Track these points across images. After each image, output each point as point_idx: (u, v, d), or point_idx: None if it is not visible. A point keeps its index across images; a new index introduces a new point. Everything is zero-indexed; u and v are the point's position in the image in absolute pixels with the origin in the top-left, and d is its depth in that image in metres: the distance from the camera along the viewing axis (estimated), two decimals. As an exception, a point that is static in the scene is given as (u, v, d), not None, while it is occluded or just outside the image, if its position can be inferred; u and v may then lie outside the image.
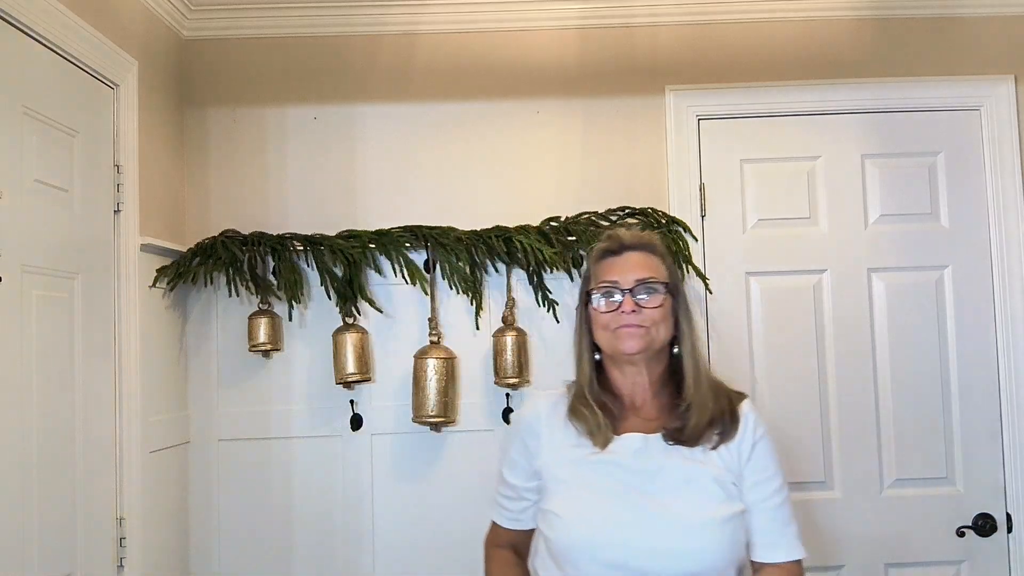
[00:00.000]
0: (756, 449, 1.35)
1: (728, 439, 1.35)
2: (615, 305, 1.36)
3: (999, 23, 2.30)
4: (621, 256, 1.40)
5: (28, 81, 1.60)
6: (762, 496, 1.34)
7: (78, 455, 1.73)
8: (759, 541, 1.34)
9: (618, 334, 1.35)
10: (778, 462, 1.37)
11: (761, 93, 2.28)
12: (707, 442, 1.34)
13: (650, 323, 1.35)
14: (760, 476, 1.35)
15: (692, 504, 1.30)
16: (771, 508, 1.34)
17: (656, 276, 1.38)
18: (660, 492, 1.31)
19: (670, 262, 1.44)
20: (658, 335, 1.36)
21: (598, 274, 1.40)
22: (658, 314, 1.35)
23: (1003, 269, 2.24)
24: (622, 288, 1.36)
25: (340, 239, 2.19)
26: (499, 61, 2.31)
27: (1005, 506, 2.21)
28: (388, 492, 2.23)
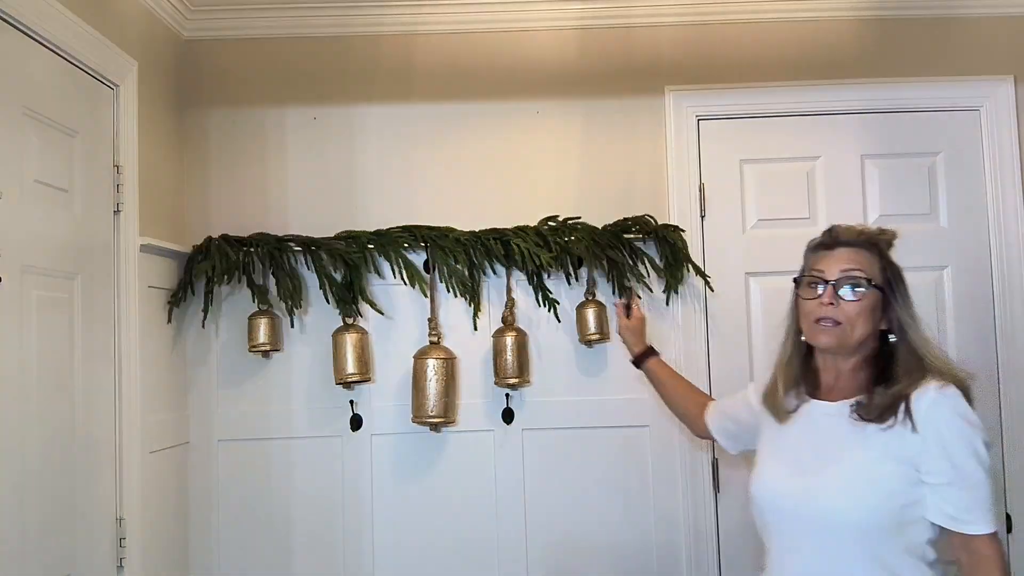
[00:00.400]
0: (929, 439, 1.35)
1: (901, 425, 1.36)
2: (817, 294, 1.44)
3: (999, 23, 2.30)
4: (833, 251, 1.47)
5: (28, 81, 1.60)
6: (937, 481, 1.35)
7: (78, 455, 1.73)
8: (938, 512, 1.36)
9: (814, 327, 1.44)
10: (963, 448, 1.34)
11: (761, 93, 2.28)
12: (883, 421, 1.37)
13: (845, 318, 1.41)
14: (934, 466, 1.35)
15: (843, 474, 1.37)
16: (947, 491, 1.35)
17: (863, 271, 1.44)
18: (824, 459, 1.40)
19: (891, 262, 1.50)
20: (853, 332, 1.41)
21: (809, 264, 1.50)
22: (855, 309, 1.41)
23: (1003, 269, 2.24)
24: (826, 279, 1.44)
25: (339, 241, 2.19)
26: (499, 61, 2.31)
27: (1005, 506, 2.21)
28: (388, 492, 2.23)
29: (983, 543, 1.36)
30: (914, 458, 1.35)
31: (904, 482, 1.36)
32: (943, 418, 1.36)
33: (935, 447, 1.34)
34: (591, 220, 2.21)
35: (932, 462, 1.34)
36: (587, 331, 2.18)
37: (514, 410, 2.23)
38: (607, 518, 2.23)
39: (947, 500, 1.35)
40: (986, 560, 1.36)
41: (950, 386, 1.39)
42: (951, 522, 1.36)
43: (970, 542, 1.36)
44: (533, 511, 2.22)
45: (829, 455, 1.40)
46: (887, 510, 1.35)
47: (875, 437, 1.37)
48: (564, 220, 2.21)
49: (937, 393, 1.37)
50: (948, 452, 1.34)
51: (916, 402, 1.37)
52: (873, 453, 1.37)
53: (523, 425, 2.23)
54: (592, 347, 2.23)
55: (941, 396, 1.36)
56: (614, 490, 2.23)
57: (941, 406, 1.36)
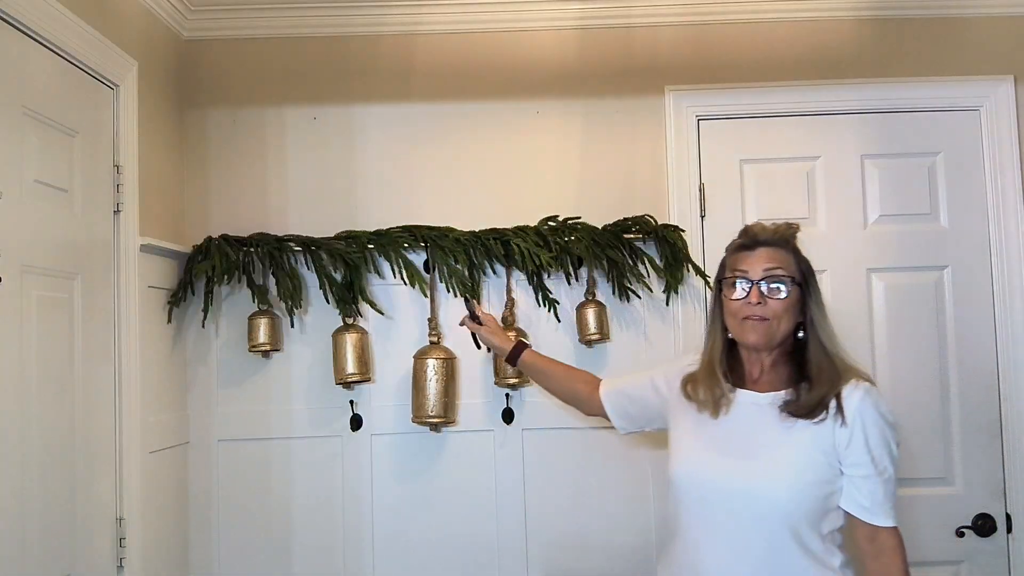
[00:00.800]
0: (855, 435, 1.45)
1: (829, 420, 1.46)
2: (744, 294, 1.51)
3: (999, 23, 2.30)
4: (754, 251, 1.53)
5: (28, 81, 1.60)
6: (858, 474, 1.46)
7: (78, 455, 1.73)
8: (855, 504, 1.46)
9: (743, 325, 1.51)
10: (883, 445, 1.46)
11: (761, 93, 2.28)
12: (814, 417, 1.46)
13: (772, 315, 1.49)
14: (857, 459, 1.45)
15: (770, 461, 1.46)
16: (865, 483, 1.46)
17: (784, 269, 1.51)
18: (755, 446, 1.48)
19: (803, 258, 1.56)
20: (779, 328, 1.50)
21: (731, 264, 1.56)
22: (781, 306, 1.49)
23: (1003, 269, 2.24)
24: (751, 279, 1.50)
25: (339, 241, 2.19)
26: (499, 61, 2.31)
27: (1005, 506, 2.21)
28: (388, 492, 2.23)
29: (888, 534, 1.46)
30: (840, 450, 1.46)
31: (829, 472, 1.46)
32: (870, 416, 1.46)
33: (859, 442, 1.45)
34: (591, 220, 2.21)
35: (855, 455, 1.45)
36: (587, 331, 2.18)
37: (514, 410, 2.23)
38: (607, 518, 2.23)
39: (862, 492, 1.45)
40: (889, 550, 1.46)
41: (874, 387, 1.51)
42: (864, 512, 1.46)
43: (876, 532, 1.46)
44: (533, 511, 2.22)
45: (761, 443, 1.49)
46: (813, 497, 1.44)
47: (805, 429, 1.47)
48: (564, 220, 2.21)
49: (866, 392, 1.48)
50: (870, 447, 1.45)
51: (847, 399, 1.47)
52: (803, 444, 1.46)
53: (523, 425, 2.23)
54: (592, 347, 2.23)
55: (868, 396, 1.48)
56: (614, 490, 2.23)
57: (869, 405, 1.47)
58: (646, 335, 2.25)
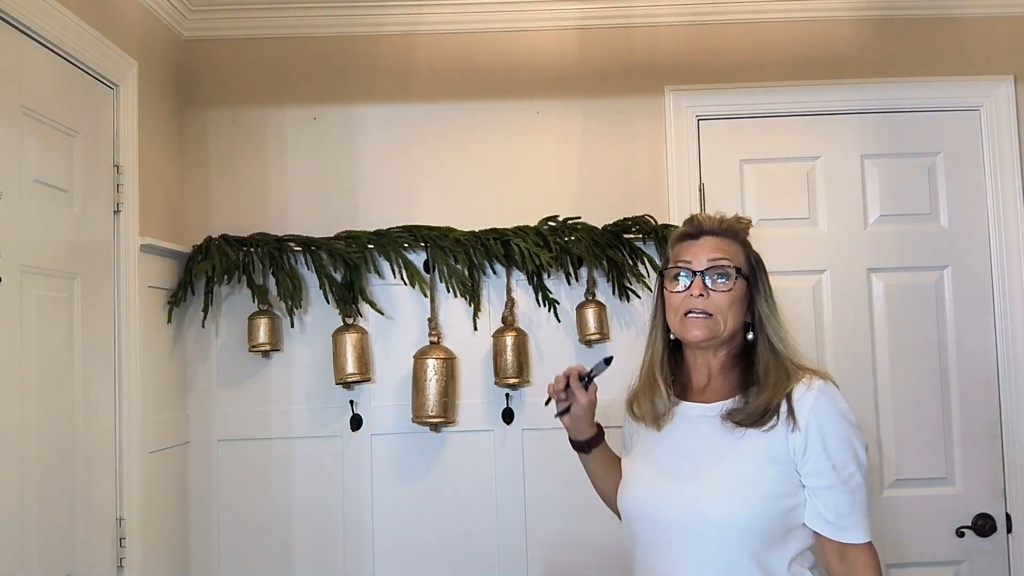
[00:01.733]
0: (811, 440, 1.30)
1: (780, 426, 1.32)
2: (686, 286, 1.38)
3: (999, 23, 2.30)
4: (699, 240, 1.41)
5: (28, 81, 1.60)
6: (819, 484, 1.30)
7: (78, 455, 1.73)
8: (818, 519, 1.32)
9: (685, 321, 1.38)
10: (845, 449, 1.31)
11: (761, 93, 2.28)
12: (763, 425, 1.32)
13: (715, 310, 1.36)
14: (816, 467, 1.30)
15: (718, 479, 1.32)
16: (828, 495, 1.30)
17: (730, 260, 1.38)
18: (702, 463, 1.34)
19: (753, 251, 1.44)
20: (725, 323, 1.37)
21: (674, 255, 1.43)
22: (725, 299, 1.36)
23: (1003, 269, 2.24)
24: (694, 269, 1.38)
25: (339, 241, 2.19)
26: (499, 61, 2.31)
27: (1005, 506, 2.21)
28: (388, 492, 2.23)
29: (860, 552, 1.31)
30: (795, 459, 1.31)
31: (786, 484, 1.31)
32: (827, 417, 1.30)
33: (817, 448, 1.29)
34: (591, 220, 2.21)
35: (813, 463, 1.30)
36: (587, 331, 2.17)
37: (514, 410, 2.23)
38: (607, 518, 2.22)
39: (825, 504, 1.30)
40: (862, 569, 1.31)
41: (829, 383, 1.34)
42: (829, 528, 1.30)
43: (846, 551, 1.31)
44: (533, 511, 2.22)
45: (707, 459, 1.34)
46: (771, 515, 1.29)
47: (755, 439, 1.32)
48: (564, 220, 2.21)
49: (820, 392, 1.32)
50: (829, 453, 1.29)
51: (798, 401, 1.32)
52: (754, 455, 1.31)
53: (523, 425, 2.23)
54: (592, 347, 2.23)
55: (823, 395, 1.32)
56: (614, 490, 2.22)
57: (824, 405, 1.31)
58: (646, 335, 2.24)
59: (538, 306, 2.23)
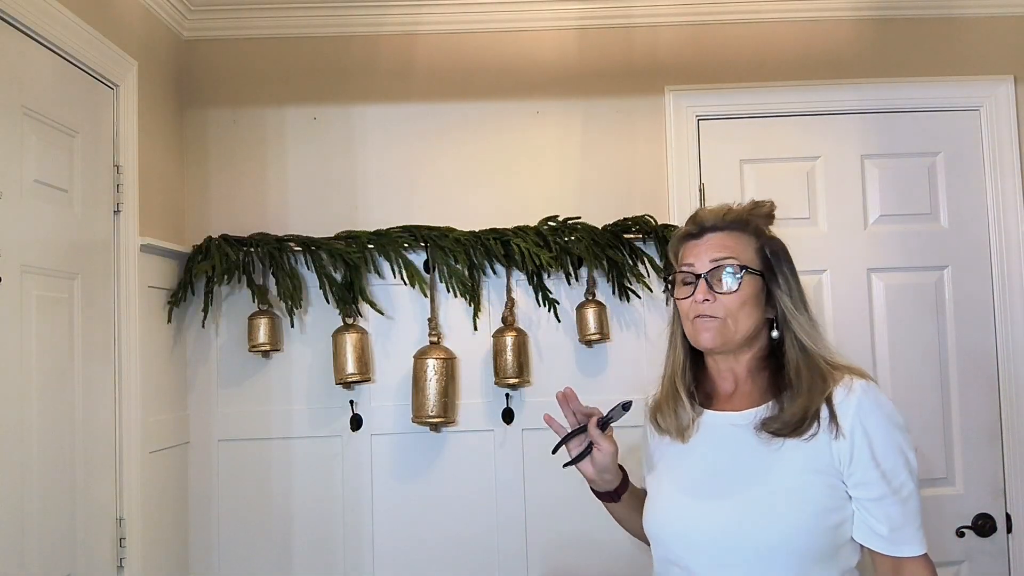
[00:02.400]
0: (856, 447, 1.19)
1: (822, 434, 1.21)
2: (691, 291, 1.28)
3: (999, 23, 2.30)
4: (701, 239, 1.31)
5: (28, 81, 1.60)
6: (868, 496, 1.20)
7: (78, 455, 1.73)
8: (870, 533, 1.21)
9: (694, 327, 1.29)
10: (895, 455, 1.20)
11: (761, 93, 2.28)
12: (802, 434, 1.21)
13: (724, 313, 1.26)
14: (864, 477, 1.20)
15: (759, 496, 1.21)
16: (879, 507, 1.20)
17: (735, 256, 1.28)
18: (739, 478, 1.24)
19: (769, 240, 1.32)
20: (736, 326, 1.27)
21: (679, 259, 1.34)
22: (734, 301, 1.26)
23: (1003, 269, 2.24)
24: (696, 273, 1.28)
25: (339, 241, 2.19)
26: (499, 61, 2.31)
27: (1005, 506, 2.21)
28: (388, 492, 2.23)
29: (917, 566, 1.20)
30: (841, 469, 1.20)
31: (833, 498, 1.20)
32: (873, 421, 1.20)
33: (865, 456, 1.19)
34: (591, 220, 2.21)
35: (861, 473, 1.19)
36: (587, 331, 2.17)
37: (514, 410, 2.23)
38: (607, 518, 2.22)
39: (878, 518, 1.19)
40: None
41: (871, 383, 1.23)
42: (882, 543, 1.19)
43: (902, 566, 1.20)
44: (533, 511, 2.22)
45: (744, 474, 1.23)
46: (821, 531, 1.19)
47: (795, 450, 1.21)
48: (564, 220, 2.21)
49: (863, 393, 1.21)
50: (878, 461, 1.19)
51: (840, 405, 1.21)
52: (796, 468, 1.20)
53: (523, 425, 2.23)
54: (592, 347, 2.23)
55: (866, 396, 1.21)
56: (614, 490, 2.22)
57: (869, 407, 1.20)
58: (646, 335, 2.25)
59: (538, 306, 2.23)
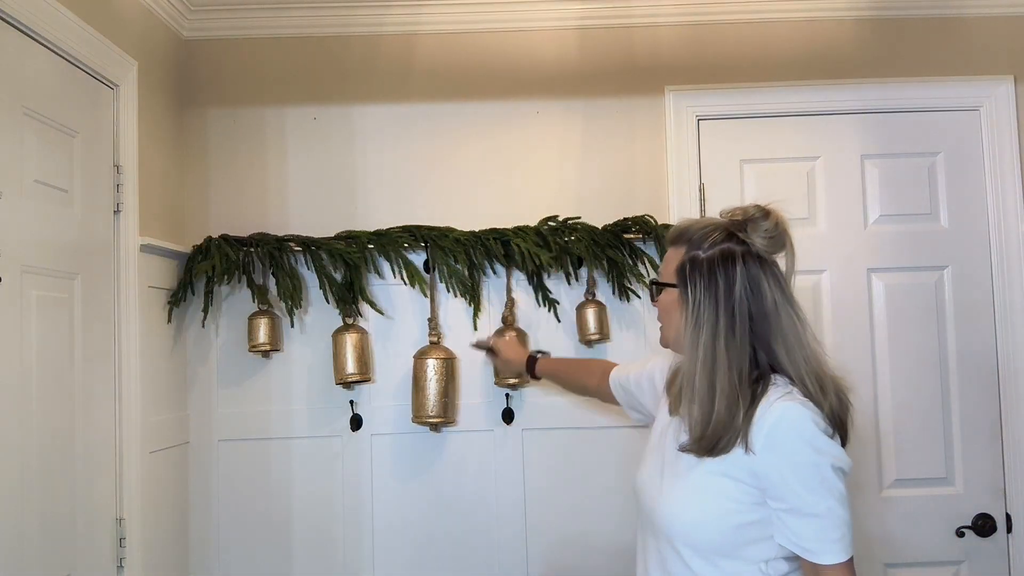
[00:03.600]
0: (770, 466, 1.23)
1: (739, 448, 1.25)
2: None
3: (999, 23, 2.30)
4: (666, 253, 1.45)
5: (28, 81, 1.60)
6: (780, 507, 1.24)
7: (78, 455, 1.73)
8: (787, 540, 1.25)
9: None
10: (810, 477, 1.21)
11: (761, 93, 2.28)
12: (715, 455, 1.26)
13: (661, 321, 1.44)
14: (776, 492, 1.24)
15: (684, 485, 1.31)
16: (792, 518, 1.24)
17: (662, 272, 1.43)
18: (668, 468, 1.37)
19: (701, 250, 1.33)
20: (666, 332, 1.43)
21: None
22: (659, 311, 1.44)
23: (1003, 269, 2.24)
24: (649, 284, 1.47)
25: (339, 241, 2.19)
26: (499, 61, 2.31)
27: (1005, 506, 2.21)
28: (388, 492, 2.23)
29: (833, 572, 1.22)
30: (755, 478, 1.24)
31: (742, 502, 1.25)
32: (784, 447, 1.22)
33: (775, 474, 1.22)
34: (591, 220, 2.21)
35: (773, 488, 1.23)
36: (587, 331, 2.17)
37: (514, 410, 2.23)
38: (607, 518, 2.23)
39: (791, 527, 1.23)
40: None
41: (795, 404, 1.23)
42: (799, 549, 1.23)
43: (820, 570, 1.23)
44: (533, 511, 2.22)
45: (674, 464, 1.35)
46: (721, 529, 1.26)
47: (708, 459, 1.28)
48: (564, 220, 2.21)
49: (781, 416, 1.22)
50: (787, 481, 1.22)
51: (756, 423, 1.23)
52: (711, 468, 1.27)
53: (523, 425, 2.23)
54: (592, 347, 2.23)
55: (783, 420, 1.22)
56: (614, 490, 2.22)
57: (783, 430, 1.22)
58: (646, 335, 2.25)
59: (538, 306, 2.23)
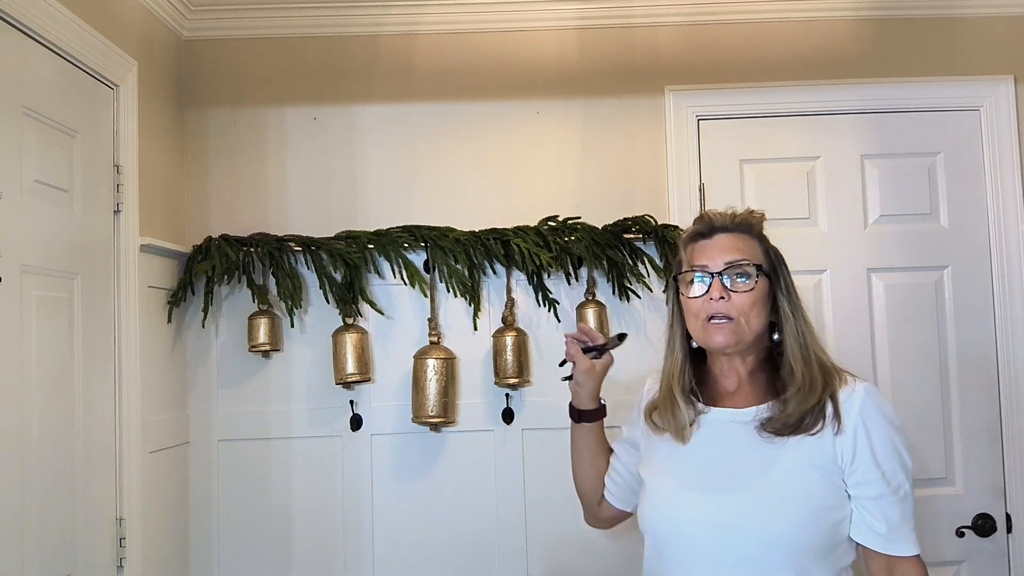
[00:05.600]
0: (859, 446, 1.24)
1: (826, 430, 1.25)
2: (704, 289, 1.30)
3: (999, 23, 2.30)
4: (712, 239, 1.33)
5: (28, 81, 1.60)
6: (868, 494, 1.24)
7: (78, 455, 1.73)
8: (869, 532, 1.25)
9: (708, 328, 1.30)
10: (894, 456, 1.25)
11: (761, 93, 2.28)
12: (808, 430, 1.24)
13: (738, 312, 1.28)
14: (865, 476, 1.24)
15: (761, 490, 1.24)
16: (878, 506, 1.23)
17: (748, 257, 1.30)
18: (741, 473, 1.26)
19: (771, 246, 1.36)
20: (749, 326, 1.29)
21: (688, 258, 1.34)
22: (747, 300, 1.28)
23: (1003, 269, 2.24)
24: (711, 272, 1.29)
25: (339, 241, 2.19)
26: (499, 61, 2.31)
27: (1005, 506, 2.21)
28: (388, 492, 2.23)
29: (910, 565, 1.24)
30: (843, 467, 1.24)
31: (833, 495, 1.23)
32: (874, 421, 1.24)
33: (865, 454, 1.23)
34: (591, 220, 2.21)
35: (862, 472, 1.23)
36: (587, 331, 2.17)
37: (514, 410, 2.23)
38: (607, 518, 2.23)
39: (876, 516, 1.22)
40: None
41: (873, 386, 1.29)
42: (879, 542, 1.22)
43: (896, 565, 1.23)
44: (533, 511, 2.22)
45: (747, 468, 1.26)
46: (820, 527, 1.22)
47: (798, 447, 1.24)
48: (564, 220, 2.21)
49: (866, 394, 1.26)
50: (878, 460, 1.23)
51: (845, 403, 1.25)
52: (799, 464, 1.23)
53: (523, 425, 2.23)
54: (592, 347, 2.23)
55: (870, 398, 1.26)
56: (614, 490, 2.22)
57: (872, 408, 1.25)
58: (646, 335, 2.25)
59: (538, 306, 2.23)
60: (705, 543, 1.25)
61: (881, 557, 1.24)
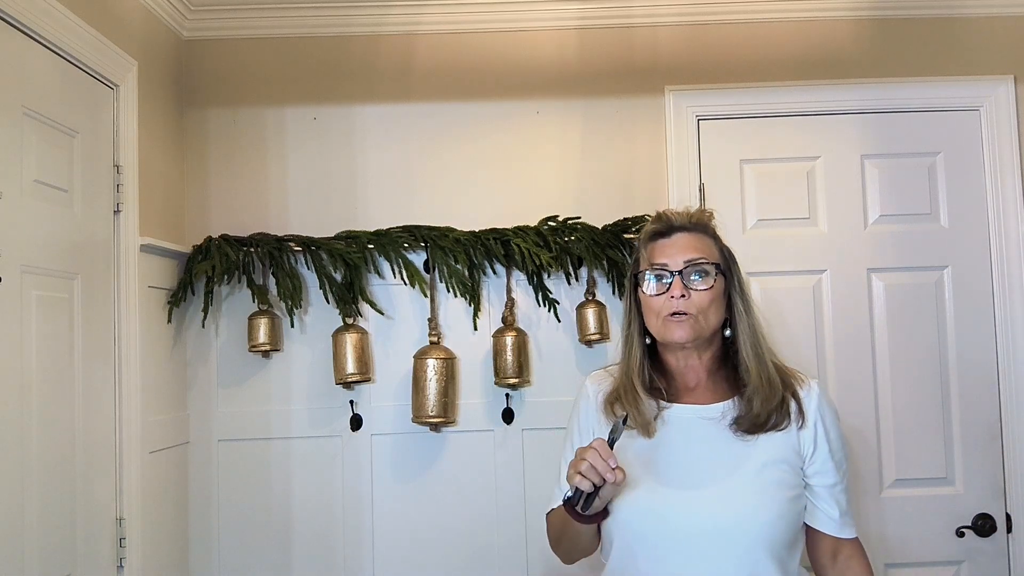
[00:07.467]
0: (819, 439, 1.34)
1: (792, 425, 1.34)
2: (664, 288, 1.34)
3: (999, 23, 2.30)
4: (671, 237, 1.38)
5: (28, 81, 1.60)
6: (824, 483, 1.34)
7: (78, 455, 1.73)
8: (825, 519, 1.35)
9: (667, 323, 1.34)
10: (843, 447, 1.38)
11: (761, 93, 2.28)
12: (778, 427, 1.33)
13: (697, 309, 1.33)
14: (823, 466, 1.34)
15: (741, 484, 1.29)
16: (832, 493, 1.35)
17: (707, 257, 1.36)
18: (716, 468, 1.31)
19: (722, 243, 1.42)
20: (707, 322, 1.35)
21: (647, 256, 1.38)
22: (706, 298, 1.34)
23: (1003, 269, 2.24)
24: (671, 270, 1.34)
25: (339, 241, 2.19)
26: (499, 61, 2.31)
27: (1005, 506, 2.21)
28: (388, 492, 2.23)
29: (855, 546, 1.36)
30: (804, 457, 1.33)
31: (798, 486, 1.32)
32: (828, 417, 1.36)
33: (823, 447, 1.33)
34: (591, 220, 2.21)
35: (820, 463, 1.33)
36: (587, 331, 2.17)
37: (514, 410, 2.23)
38: (607, 518, 2.23)
39: (830, 504, 1.33)
40: (856, 560, 1.36)
41: (819, 382, 1.41)
42: (833, 526, 1.34)
43: (841, 548, 1.35)
44: (533, 511, 2.22)
45: (723, 464, 1.30)
46: (795, 518, 1.31)
47: (768, 441, 1.32)
48: (564, 220, 2.21)
49: (820, 391, 1.38)
50: (833, 452, 1.34)
51: (805, 399, 1.35)
52: (770, 458, 1.31)
53: (523, 425, 2.23)
54: (592, 347, 2.23)
55: (824, 394, 1.38)
56: (614, 490, 2.23)
57: (826, 404, 1.37)
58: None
59: (538, 306, 2.23)
60: (686, 539, 1.27)
61: (829, 540, 1.35)
